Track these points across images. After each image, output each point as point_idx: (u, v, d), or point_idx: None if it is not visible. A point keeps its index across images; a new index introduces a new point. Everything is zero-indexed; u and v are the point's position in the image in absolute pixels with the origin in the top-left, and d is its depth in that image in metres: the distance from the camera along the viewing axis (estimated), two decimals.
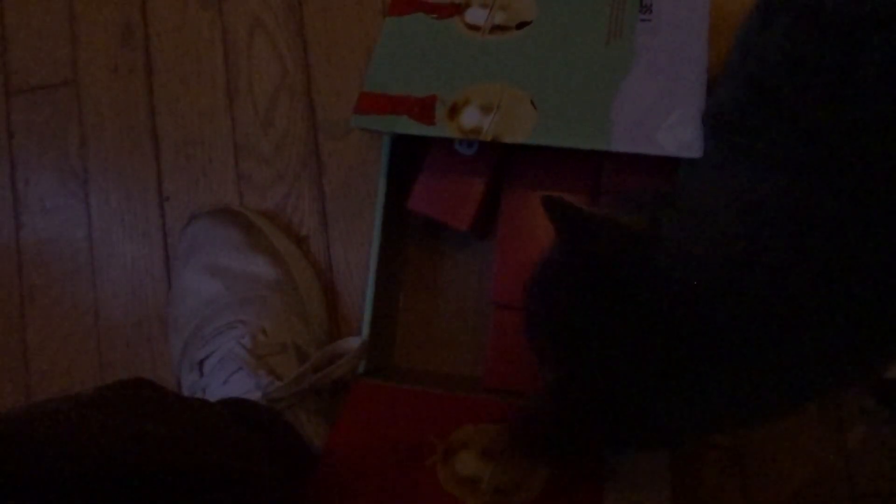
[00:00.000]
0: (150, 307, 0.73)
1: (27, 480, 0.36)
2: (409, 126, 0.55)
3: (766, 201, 0.41)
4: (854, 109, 0.39)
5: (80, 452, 0.38)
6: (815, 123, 0.40)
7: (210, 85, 0.74)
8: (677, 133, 0.50)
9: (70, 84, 0.76)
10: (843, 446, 0.60)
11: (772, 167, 0.41)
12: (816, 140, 0.40)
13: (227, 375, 0.59)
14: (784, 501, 0.60)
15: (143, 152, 0.75)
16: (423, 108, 0.55)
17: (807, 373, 0.41)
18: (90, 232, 0.75)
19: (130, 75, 0.75)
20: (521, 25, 0.58)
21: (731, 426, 0.47)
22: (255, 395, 0.57)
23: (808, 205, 0.39)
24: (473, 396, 0.57)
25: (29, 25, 0.78)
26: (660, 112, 0.51)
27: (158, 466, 0.40)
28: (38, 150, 0.77)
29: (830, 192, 0.39)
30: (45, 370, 0.75)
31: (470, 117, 0.54)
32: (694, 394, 0.40)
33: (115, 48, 0.76)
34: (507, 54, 0.56)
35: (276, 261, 0.66)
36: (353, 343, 0.60)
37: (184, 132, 0.74)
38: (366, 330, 0.62)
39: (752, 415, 0.43)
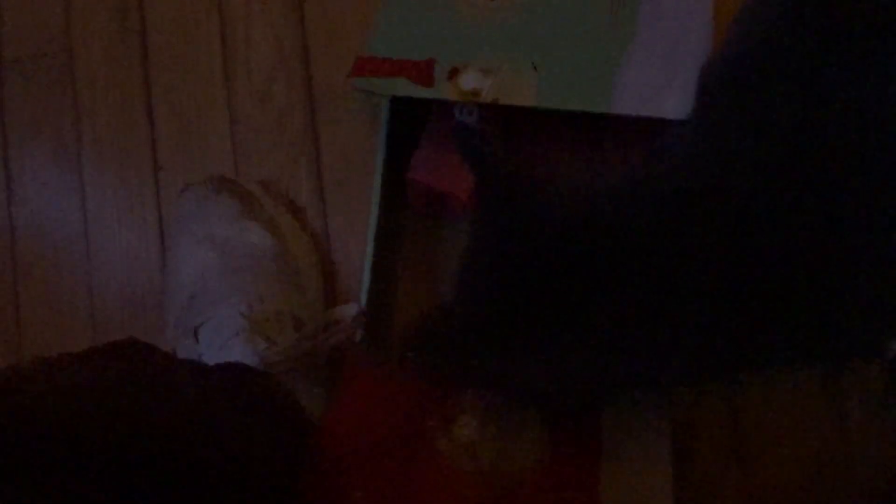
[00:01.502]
0: (144, 278, 0.73)
1: (22, 433, 0.35)
2: (408, 88, 0.55)
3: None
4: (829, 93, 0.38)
5: (75, 406, 0.38)
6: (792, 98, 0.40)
7: (206, 56, 0.73)
8: (680, 98, 0.49)
9: (63, 54, 0.76)
10: (845, 429, 0.59)
11: (747, 128, 0.41)
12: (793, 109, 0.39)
13: (223, 342, 0.59)
14: (783, 483, 0.60)
15: (137, 123, 0.74)
16: (422, 71, 0.55)
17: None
18: (84, 204, 0.75)
19: (125, 45, 0.75)
20: None
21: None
22: (252, 361, 0.57)
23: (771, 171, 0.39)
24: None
25: None
26: (663, 77, 0.51)
27: (153, 425, 0.40)
28: (31, 122, 0.76)
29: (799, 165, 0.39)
30: (39, 345, 0.74)
31: (469, 80, 0.54)
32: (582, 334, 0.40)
33: (110, 18, 0.75)
34: (509, 22, 0.56)
35: (272, 230, 0.65)
36: (350, 310, 0.59)
37: (179, 103, 0.73)
38: (364, 299, 0.61)
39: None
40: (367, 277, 0.61)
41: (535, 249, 0.41)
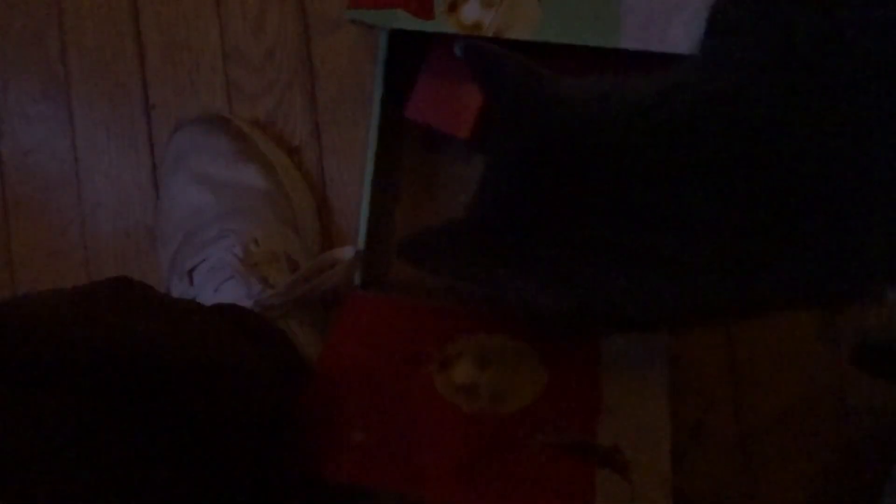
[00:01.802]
0: (137, 218, 0.71)
1: (14, 364, 0.34)
2: (406, 21, 0.52)
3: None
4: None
5: (68, 338, 0.37)
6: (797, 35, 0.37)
7: None
8: (690, 30, 0.47)
9: None
10: (837, 364, 0.60)
11: (748, 68, 0.39)
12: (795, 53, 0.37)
13: (217, 284, 0.58)
14: (775, 413, 0.61)
15: (126, 58, 0.71)
16: (421, 2, 0.52)
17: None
18: (74, 141, 0.73)
19: None
20: None
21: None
22: (247, 304, 0.56)
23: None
24: (470, 307, 0.56)
25: None
26: (671, 8, 0.48)
27: (147, 359, 0.39)
28: (17, 55, 0.74)
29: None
30: (32, 283, 0.73)
31: (470, 12, 0.51)
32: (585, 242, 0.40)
33: None
34: None
35: (267, 170, 0.64)
36: (346, 253, 0.58)
37: (169, 37, 0.71)
38: (361, 242, 0.60)
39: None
40: (363, 219, 0.60)
41: (547, 156, 0.40)
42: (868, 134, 0.36)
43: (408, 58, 0.61)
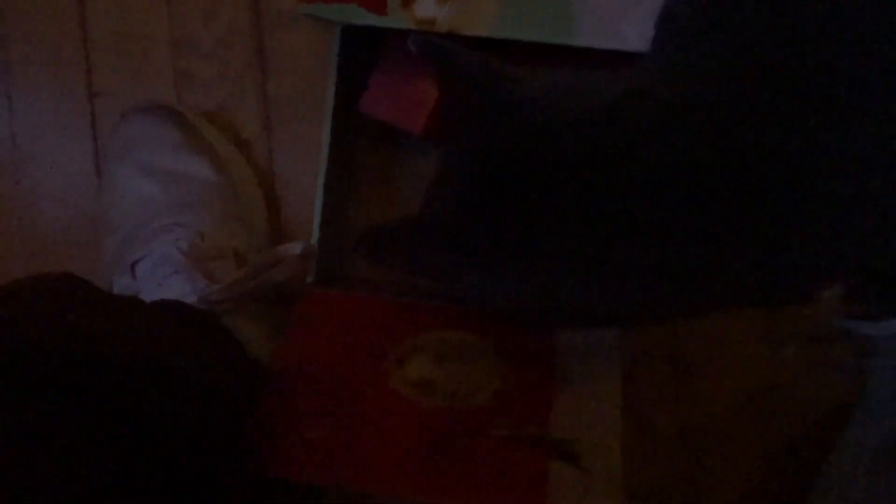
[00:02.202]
0: (80, 209, 0.69)
1: None
2: (360, 16, 0.52)
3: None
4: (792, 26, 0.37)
5: (2, 337, 0.36)
6: (754, 36, 0.38)
7: None
8: (644, 29, 0.48)
9: None
10: (778, 363, 0.62)
11: (705, 74, 0.40)
12: (754, 53, 0.38)
13: (161, 278, 0.57)
14: (720, 413, 0.63)
15: (71, 43, 0.69)
16: None
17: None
18: (13, 128, 0.70)
19: None
20: None
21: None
22: (192, 299, 0.55)
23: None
24: (427, 303, 0.56)
25: None
26: (625, 7, 0.49)
27: (88, 358, 0.38)
28: None
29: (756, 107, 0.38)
30: None
31: (425, 7, 0.51)
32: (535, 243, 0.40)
33: None
34: None
35: (216, 163, 0.63)
36: (295, 248, 0.58)
37: (116, 23, 0.69)
38: (315, 238, 0.60)
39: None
40: (318, 215, 0.60)
41: (505, 159, 0.40)
42: (815, 140, 0.37)
43: (362, 52, 0.61)
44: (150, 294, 0.56)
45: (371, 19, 0.52)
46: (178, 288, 0.56)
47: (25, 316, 0.39)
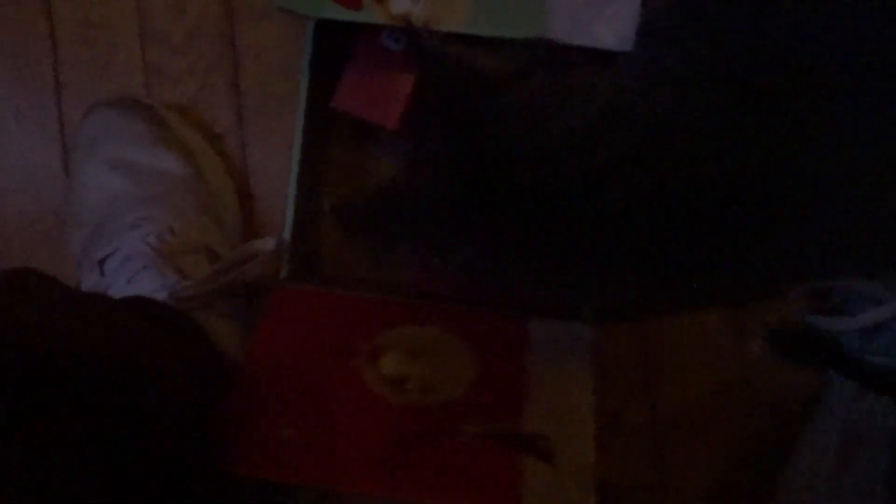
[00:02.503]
0: (46, 204, 0.68)
1: None
2: (334, 10, 0.52)
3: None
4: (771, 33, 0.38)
5: None
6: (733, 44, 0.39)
7: None
8: (615, 26, 0.48)
9: None
10: (745, 358, 0.63)
11: (682, 85, 0.41)
12: (733, 61, 0.39)
13: (131, 275, 0.56)
14: (687, 409, 0.64)
15: (36, 34, 0.68)
16: None
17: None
18: None
19: None
20: None
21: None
22: (162, 295, 0.54)
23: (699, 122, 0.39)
24: (399, 300, 0.56)
25: None
26: (598, 5, 0.49)
27: (50, 356, 0.37)
28: None
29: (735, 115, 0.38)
30: None
31: (399, 2, 0.51)
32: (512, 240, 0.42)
33: None
34: None
35: (187, 158, 0.62)
36: (268, 244, 0.57)
37: (83, 13, 0.67)
38: (288, 233, 0.59)
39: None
40: (290, 211, 0.59)
41: (483, 163, 0.41)
42: (786, 148, 0.38)
43: (335, 46, 0.60)
44: (119, 290, 0.56)
45: (345, 14, 0.52)
46: (149, 284, 0.55)
47: None
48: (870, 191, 0.39)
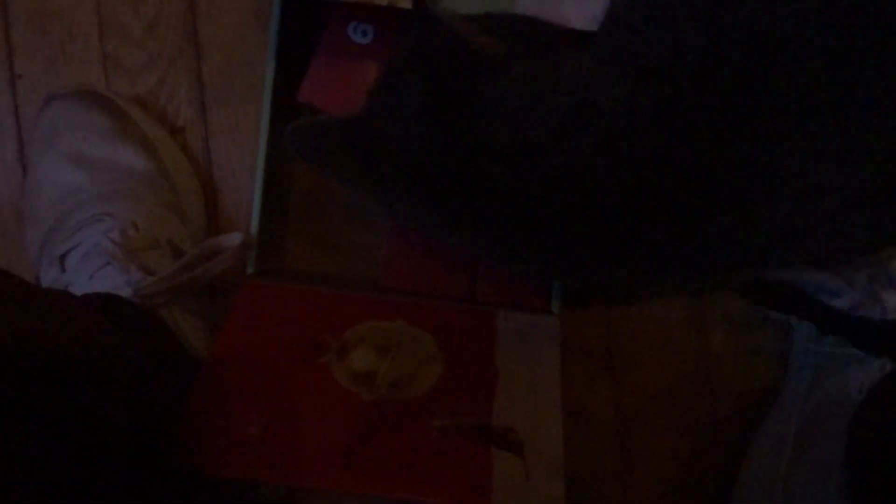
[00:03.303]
0: (2, 198, 0.66)
1: None
2: None
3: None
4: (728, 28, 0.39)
5: None
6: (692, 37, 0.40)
7: None
8: (584, 6, 0.48)
9: None
10: (706, 349, 0.64)
11: (647, 71, 0.41)
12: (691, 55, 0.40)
13: (93, 271, 0.54)
14: (650, 399, 0.65)
15: None
16: None
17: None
18: None
19: None
20: None
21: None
22: (126, 292, 0.53)
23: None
24: (367, 295, 0.56)
25: None
26: None
27: (7, 356, 0.36)
28: None
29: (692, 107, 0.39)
30: None
31: None
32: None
33: None
34: None
35: (148, 151, 0.61)
36: (234, 239, 0.56)
37: (39, 2, 0.65)
38: (254, 229, 0.58)
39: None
40: (257, 206, 0.58)
41: (456, 143, 0.42)
42: (739, 145, 0.39)
43: (300, 36, 0.60)
44: (81, 287, 0.54)
45: None
46: (111, 280, 0.54)
47: None
48: (813, 183, 0.40)
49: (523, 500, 0.45)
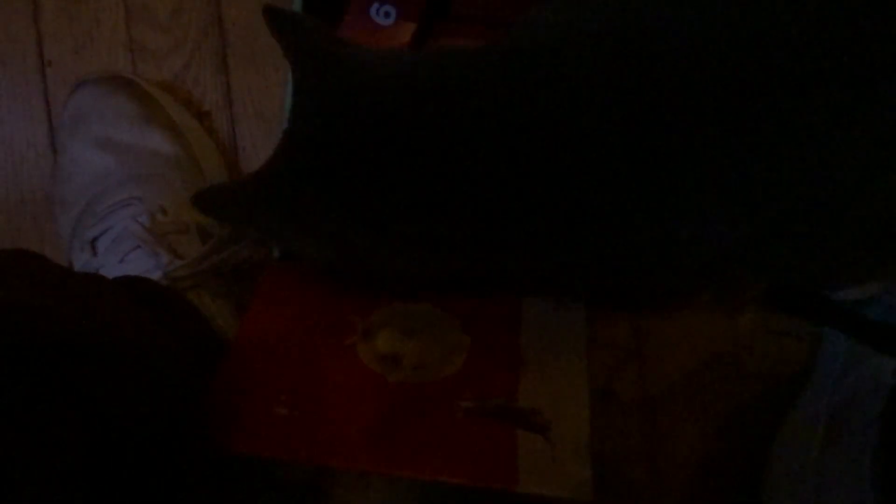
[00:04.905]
0: (34, 184, 0.67)
1: None
2: None
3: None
4: None
5: None
6: None
7: None
8: None
9: None
10: (734, 330, 0.63)
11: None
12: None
13: (123, 254, 0.55)
14: (678, 381, 0.64)
15: (18, 10, 0.66)
16: None
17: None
18: None
19: None
20: None
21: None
22: (156, 275, 0.54)
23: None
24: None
25: None
26: None
27: (43, 337, 0.37)
28: None
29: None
30: None
31: None
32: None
33: None
34: None
35: (175, 136, 0.61)
36: None
37: None
38: None
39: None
40: None
41: (335, 122, 0.40)
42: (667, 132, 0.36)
43: (324, 18, 0.59)
44: (111, 270, 0.55)
45: None
46: (141, 264, 0.55)
47: None
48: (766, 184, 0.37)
49: (550, 481, 0.45)
